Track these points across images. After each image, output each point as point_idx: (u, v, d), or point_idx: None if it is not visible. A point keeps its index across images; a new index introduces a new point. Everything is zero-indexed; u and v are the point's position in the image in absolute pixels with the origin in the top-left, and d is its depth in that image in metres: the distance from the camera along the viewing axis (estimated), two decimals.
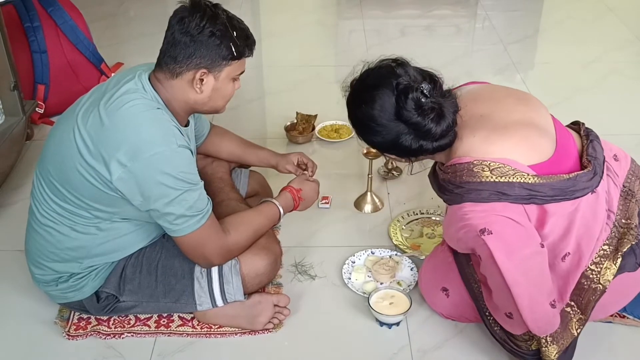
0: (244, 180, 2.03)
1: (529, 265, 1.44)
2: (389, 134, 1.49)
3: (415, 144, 1.49)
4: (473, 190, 1.44)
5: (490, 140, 1.48)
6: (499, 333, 1.60)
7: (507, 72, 3.13)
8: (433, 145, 1.49)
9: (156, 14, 3.79)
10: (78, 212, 1.58)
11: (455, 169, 1.48)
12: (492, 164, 1.44)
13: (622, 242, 1.52)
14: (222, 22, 1.50)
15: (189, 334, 1.73)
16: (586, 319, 1.53)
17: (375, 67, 1.54)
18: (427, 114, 1.45)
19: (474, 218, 1.44)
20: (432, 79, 1.50)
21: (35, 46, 2.64)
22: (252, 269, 1.71)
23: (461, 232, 1.48)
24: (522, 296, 1.43)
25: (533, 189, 1.44)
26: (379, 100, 1.47)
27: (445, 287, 1.72)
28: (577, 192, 1.48)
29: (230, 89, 1.60)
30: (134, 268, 1.68)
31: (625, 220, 1.56)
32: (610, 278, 1.51)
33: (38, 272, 1.70)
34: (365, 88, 1.52)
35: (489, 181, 1.43)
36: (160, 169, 1.46)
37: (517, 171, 1.44)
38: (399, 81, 1.46)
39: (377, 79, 1.50)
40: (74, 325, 1.75)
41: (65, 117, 1.59)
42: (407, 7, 3.98)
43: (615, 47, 3.38)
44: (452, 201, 1.50)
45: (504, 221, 1.43)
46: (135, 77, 1.54)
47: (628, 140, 2.33)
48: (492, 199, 1.44)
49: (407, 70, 1.49)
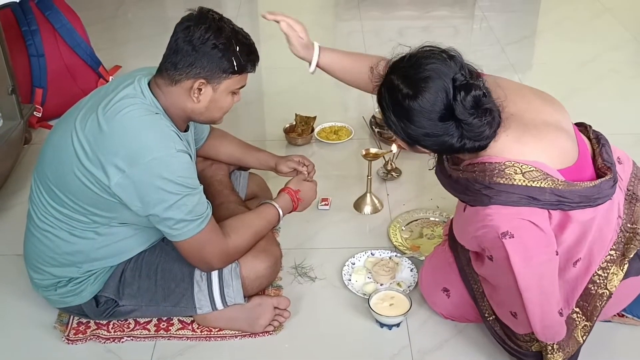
0: (243, 183, 2.03)
1: (543, 271, 1.42)
2: (436, 130, 1.39)
3: (459, 142, 1.39)
4: (503, 192, 1.38)
5: (524, 141, 1.42)
6: (499, 333, 1.60)
7: (505, 72, 3.13)
8: (475, 145, 1.40)
9: (154, 17, 3.79)
10: (76, 217, 1.57)
11: (484, 167, 1.41)
12: (524, 167, 1.39)
13: (628, 248, 1.51)
14: (227, 35, 1.50)
15: (188, 338, 1.72)
16: (591, 325, 1.53)
17: (425, 55, 1.41)
18: (484, 115, 1.36)
19: (498, 220, 1.38)
20: (479, 76, 1.41)
21: (32, 50, 2.63)
22: (252, 271, 1.71)
23: (480, 231, 1.42)
24: (533, 302, 1.42)
25: (562, 195, 1.40)
26: (434, 94, 1.36)
27: (446, 288, 1.72)
28: (600, 199, 1.45)
29: (228, 102, 1.59)
30: (133, 272, 1.68)
31: (631, 225, 1.55)
32: (617, 284, 1.50)
33: (37, 277, 1.69)
34: (419, 78, 1.38)
35: (521, 185, 1.38)
36: (159, 174, 1.46)
37: (547, 176, 1.39)
38: (456, 76, 1.36)
39: (433, 70, 1.37)
40: (73, 329, 1.74)
41: (63, 122, 1.59)
42: (405, 9, 3.98)
43: (612, 46, 3.38)
44: (478, 202, 1.42)
45: (527, 226, 1.38)
46: (134, 82, 1.54)
47: (625, 140, 2.33)
48: (522, 203, 1.38)
49: (462, 64, 1.39)
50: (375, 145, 2.40)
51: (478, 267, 1.57)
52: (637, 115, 2.76)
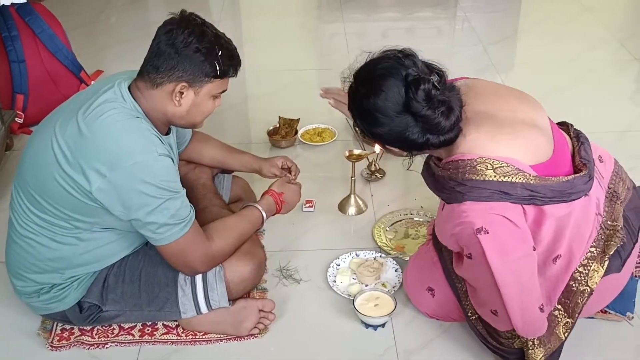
0: (227, 186, 2.02)
1: (521, 267, 1.44)
2: (396, 126, 1.43)
3: (422, 137, 1.43)
4: (475, 188, 1.42)
5: (496, 139, 1.46)
6: (482, 331, 1.61)
7: (487, 72, 3.15)
8: (439, 140, 1.44)
9: (136, 21, 3.77)
10: (57, 223, 1.56)
11: (457, 165, 1.45)
12: (495, 163, 1.42)
13: (608, 245, 1.53)
14: (209, 39, 1.50)
15: (173, 342, 1.71)
16: (573, 322, 1.54)
17: (381, 57, 1.48)
18: (437, 107, 1.40)
19: (472, 216, 1.42)
20: (438, 72, 1.46)
21: (13, 56, 2.62)
22: (236, 274, 1.71)
23: (457, 228, 1.45)
24: (512, 298, 1.44)
25: (534, 189, 1.42)
26: (388, 91, 1.41)
27: (430, 287, 1.72)
28: (574, 194, 1.48)
29: (209, 106, 1.60)
30: (116, 277, 1.67)
31: (612, 222, 1.57)
32: (598, 280, 1.52)
33: (19, 284, 1.68)
34: (372, 78, 1.44)
35: (492, 180, 1.41)
36: (140, 178, 1.45)
37: (519, 171, 1.42)
38: (408, 72, 1.41)
39: (385, 69, 1.43)
40: (57, 336, 1.73)
41: (42, 127, 1.58)
42: (388, 10, 4.00)
43: (592, 46, 3.41)
44: (453, 199, 1.47)
45: (501, 221, 1.41)
46: (114, 86, 1.53)
47: (607, 138, 2.36)
48: (494, 199, 1.42)
49: (415, 62, 1.44)
50: (358, 146, 2.41)
51: (458, 268, 1.59)
52: (618, 114, 2.78)
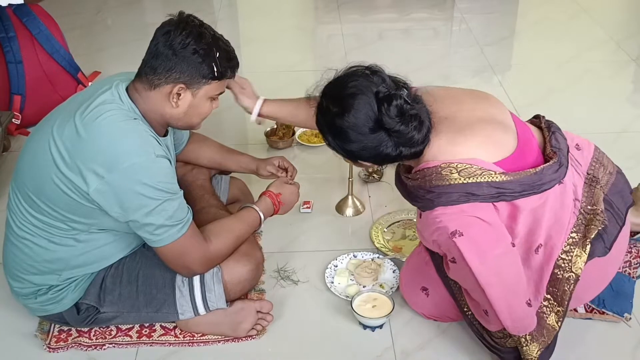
0: (225, 187, 2.02)
1: (501, 265, 1.46)
2: (370, 143, 1.47)
3: (395, 151, 1.48)
4: (443, 193, 1.46)
5: (456, 142, 1.49)
6: (478, 327, 1.62)
7: (484, 73, 3.16)
8: (411, 151, 1.49)
9: (133, 22, 3.77)
10: (55, 224, 1.56)
11: (424, 173, 1.49)
12: (459, 166, 1.46)
13: (589, 229, 1.55)
14: (207, 41, 1.50)
15: (171, 343, 1.71)
16: (564, 310, 1.55)
17: (350, 74, 1.50)
18: (410, 121, 1.44)
19: (445, 221, 1.45)
20: (405, 85, 1.49)
21: (10, 57, 2.62)
22: (234, 276, 1.71)
23: (435, 234, 1.49)
24: (497, 297, 1.45)
25: (501, 186, 1.46)
26: (361, 109, 1.44)
27: (425, 287, 1.73)
28: (545, 185, 1.50)
29: (207, 108, 1.60)
30: (114, 279, 1.66)
31: (591, 207, 1.58)
32: (582, 265, 1.53)
33: (16, 285, 1.68)
34: (344, 97, 1.47)
35: (458, 183, 1.45)
36: (138, 180, 1.45)
37: (484, 170, 1.46)
38: (379, 89, 1.44)
39: (356, 87, 1.46)
40: (54, 337, 1.73)
41: (40, 128, 1.57)
42: (384, 11, 4.00)
43: (589, 47, 3.43)
44: (425, 207, 1.51)
45: (474, 222, 1.44)
46: (111, 88, 1.53)
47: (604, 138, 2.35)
48: (462, 201, 1.45)
49: (384, 78, 1.47)
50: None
51: (447, 271, 1.60)
52: (615, 114, 2.79)
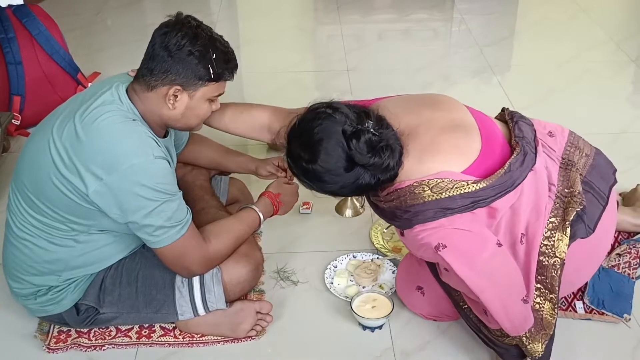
0: (224, 188, 2.02)
1: (491, 268, 1.46)
2: (347, 180, 1.46)
3: (373, 179, 1.46)
4: (419, 212, 1.46)
5: (423, 159, 1.49)
6: (475, 321, 1.62)
7: (484, 74, 3.16)
8: (388, 176, 1.47)
9: (133, 23, 3.77)
10: (55, 225, 1.56)
11: (398, 194, 1.49)
12: (430, 182, 1.45)
13: (567, 211, 1.55)
14: (203, 42, 1.50)
15: (170, 344, 1.71)
16: (557, 297, 1.55)
17: (313, 118, 1.47)
18: (382, 152, 1.43)
19: (426, 237, 1.47)
20: (367, 114, 1.46)
21: (10, 57, 2.61)
22: (233, 276, 1.71)
23: (420, 250, 1.52)
24: (492, 300, 1.45)
25: (475, 195, 1.46)
26: (332, 153, 1.43)
27: (419, 286, 1.73)
28: (517, 180, 1.50)
29: (205, 109, 1.59)
30: (113, 279, 1.66)
31: (568, 190, 1.58)
32: (565, 249, 1.53)
33: (16, 286, 1.68)
34: (313, 144, 1.45)
35: (431, 200, 1.45)
36: (137, 181, 1.45)
37: (455, 182, 1.45)
38: (344, 128, 1.42)
39: (322, 131, 1.44)
40: (54, 338, 1.73)
41: (40, 129, 1.58)
42: (384, 12, 4.00)
43: (589, 47, 3.42)
44: (403, 226, 1.52)
45: (454, 233, 1.45)
46: (111, 89, 1.53)
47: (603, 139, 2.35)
48: (438, 216, 1.45)
49: (346, 113, 1.44)
50: None
51: (441, 277, 1.61)
52: (614, 115, 2.79)
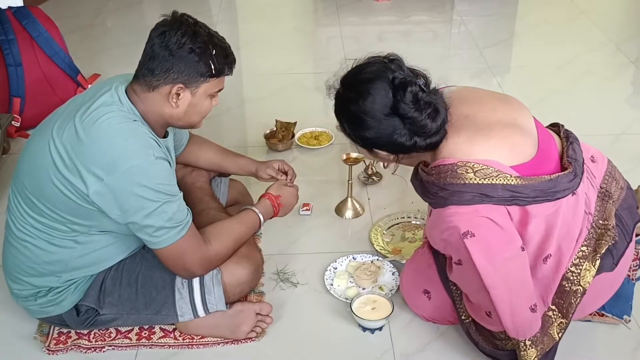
0: (224, 189, 2.02)
1: (509, 268, 1.44)
2: (384, 129, 1.47)
3: (409, 140, 1.47)
4: (457, 192, 1.43)
5: (474, 141, 1.48)
6: (474, 335, 1.62)
7: (483, 75, 3.17)
8: (426, 142, 1.48)
9: (133, 25, 3.78)
10: (55, 226, 1.56)
11: (439, 170, 1.47)
12: (475, 166, 1.44)
13: (600, 244, 1.54)
14: (203, 39, 1.51)
15: (170, 346, 1.71)
16: (567, 322, 1.54)
17: (367, 62, 1.52)
18: (424, 109, 1.44)
19: (458, 220, 1.43)
20: (423, 76, 1.50)
21: (10, 59, 2.62)
22: (233, 278, 1.71)
23: (445, 233, 1.47)
24: (501, 299, 1.44)
25: (515, 190, 1.44)
26: (376, 94, 1.45)
27: (426, 290, 1.73)
28: (558, 193, 1.48)
29: (206, 106, 1.60)
30: (113, 280, 1.66)
31: (603, 222, 1.57)
32: (590, 280, 1.52)
33: (16, 287, 1.68)
34: (359, 82, 1.48)
35: (473, 183, 1.43)
36: (137, 182, 1.46)
37: (500, 172, 1.44)
38: (395, 75, 1.45)
39: (372, 73, 1.48)
40: (54, 339, 1.73)
41: (40, 130, 1.58)
42: (384, 14, 4.01)
43: (588, 48, 3.43)
44: (437, 204, 1.49)
45: (486, 223, 1.42)
46: (111, 89, 1.53)
47: (603, 141, 2.37)
48: (476, 201, 1.43)
49: (401, 66, 1.48)
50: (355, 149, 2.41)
51: (449, 274, 1.60)
52: (614, 116, 2.79)
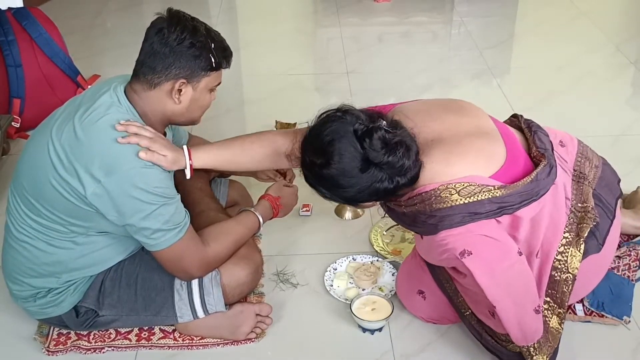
0: (224, 190, 2.02)
1: (510, 277, 1.45)
2: (364, 182, 1.41)
3: (391, 183, 1.42)
4: (446, 216, 1.43)
5: (450, 162, 1.47)
6: (476, 327, 1.62)
7: (483, 76, 3.16)
8: (407, 178, 1.43)
9: (133, 25, 3.77)
10: (53, 227, 1.56)
11: (422, 198, 1.46)
12: (457, 185, 1.43)
13: (582, 227, 1.55)
14: (202, 33, 1.52)
15: (170, 347, 1.71)
16: (565, 311, 1.55)
17: (323, 122, 1.46)
18: (397, 149, 1.39)
19: (453, 242, 1.43)
20: (379, 115, 1.44)
21: (10, 60, 2.62)
22: (233, 279, 1.71)
23: (443, 256, 1.48)
24: (507, 311, 1.44)
25: (502, 201, 1.44)
26: (344, 152, 1.39)
27: (421, 290, 1.73)
28: (541, 190, 1.50)
29: (207, 100, 1.61)
30: (113, 282, 1.66)
31: (582, 204, 1.58)
32: (577, 265, 1.53)
33: (15, 288, 1.68)
34: (323, 145, 1.41)
35: (459, 204, 1.42)
36: (134, 184, 1.45)
37: (483, 186, 1.44)
38: (355, 127, 1.39)
39: (332, 132, 1.41)
40: (53, 340, 1.73)
41: (39, 131, 1.58)
42: (384, 15, 4.00)
43: (588, 49, 3.43)
44: (427, 232, 1.48)
45: (482, 240, 1.43)
46: (110, 90, 1.53)
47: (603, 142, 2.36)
48: (466, 221, 1.43)
49: (356, 115, 1.42)
50: None
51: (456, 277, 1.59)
52: (614, 117, 2.79)
